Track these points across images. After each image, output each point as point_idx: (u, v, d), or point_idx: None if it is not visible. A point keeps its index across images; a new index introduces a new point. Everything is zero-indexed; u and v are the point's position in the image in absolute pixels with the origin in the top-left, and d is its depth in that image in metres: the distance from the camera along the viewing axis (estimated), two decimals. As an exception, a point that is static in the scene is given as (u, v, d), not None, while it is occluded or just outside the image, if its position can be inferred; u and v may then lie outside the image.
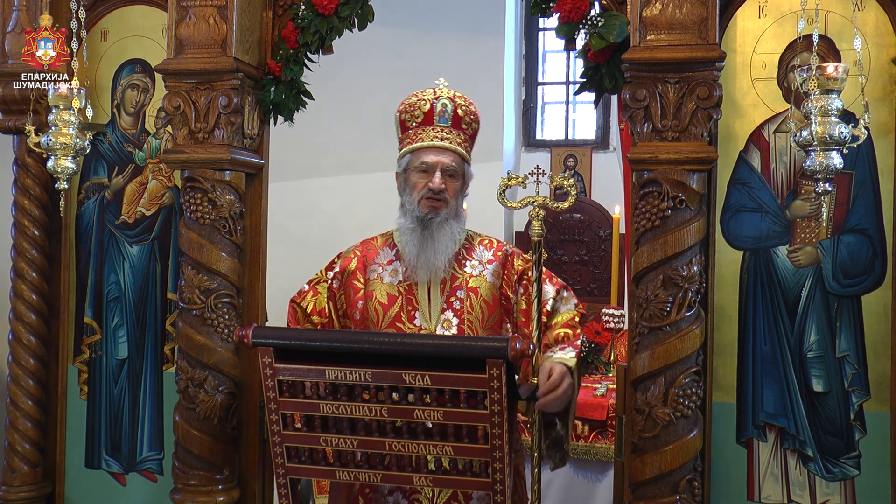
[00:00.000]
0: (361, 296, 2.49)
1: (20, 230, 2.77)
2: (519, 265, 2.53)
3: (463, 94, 2.53)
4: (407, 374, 2.00)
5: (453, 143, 2.46)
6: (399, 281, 2.48)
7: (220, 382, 2.53)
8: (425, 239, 2.42)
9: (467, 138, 2.52)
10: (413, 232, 2.44)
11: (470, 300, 2.45)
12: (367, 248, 2.58)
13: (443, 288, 2.46)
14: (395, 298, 2.46)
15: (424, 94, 2.50)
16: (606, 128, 8.09)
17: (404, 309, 2.44)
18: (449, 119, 2.47)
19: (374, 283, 2.49)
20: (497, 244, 2.58)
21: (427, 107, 2.48)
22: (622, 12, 2.34)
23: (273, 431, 2.12)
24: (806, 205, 2.35)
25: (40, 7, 2.68)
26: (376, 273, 2.51)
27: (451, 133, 2.46)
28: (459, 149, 2.47)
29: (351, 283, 2.52)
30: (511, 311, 2.50)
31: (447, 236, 2.44)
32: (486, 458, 2.03)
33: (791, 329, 2.36)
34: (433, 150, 2.45)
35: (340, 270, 2.55)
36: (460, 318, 2.43)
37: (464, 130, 2.50)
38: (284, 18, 2.64)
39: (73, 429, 2.86)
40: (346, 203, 6.66)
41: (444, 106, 2.47)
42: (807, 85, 2.07)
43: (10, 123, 2.76)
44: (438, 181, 2.41)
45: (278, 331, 2.19)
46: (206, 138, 2.52)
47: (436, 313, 2.44)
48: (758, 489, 2.39)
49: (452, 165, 2.44)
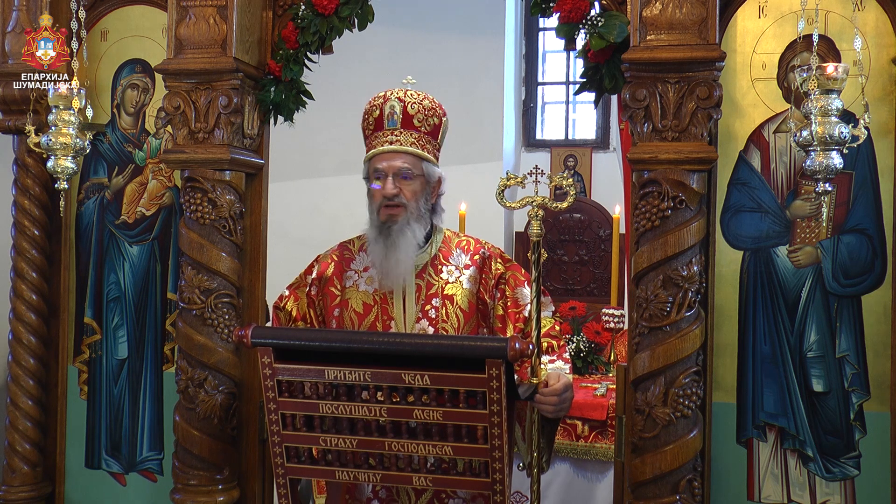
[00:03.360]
0: (338, 303, 2.45)
1: (20, 230, 2.77)
2: (497, 268, 2.46)
3: (418, 91, 2.45)
4: (406, 374, 2.00)
5: (404, 144, 2.38)
6: (375, 289, 2.43)
7: (220, 382, 2.53)
8: (388, 248, 2.36)
9: (423, 135, 2.42)
10: (377, 241, 2.38)
11: (445, 308, 2.40)
12: (344, 252, 2.52)
13: (418, 296, 2.41)
14: (370, 308, 2.42)
15: (376, 100, 2.43)
16: (606, 128, 8.08)
17: (379, 318, 2.40)
18: (398, 120, 2.40)
19: (351, 292, 2.45)
20: (475, 246, 2.50)
21: (377, 112, 2.42)
22: (622, 12, 2.34)
23: (273, 431, 2.12)
24: (806, 205, 2.35)
25: (40, 7, 2.69)
26: (352, 280, 2.46)
27: (401, 134, 2.39)
28: (412, 148, 2.39)
29: (328, 289, 2.47)
30: (488, 315, 2.45)
31: (409, 242, 2.37)
32: (485, 458, 2.03)
33: (791, 329, 2.36)
34: (383, 156, 2.38)
35: (318, 276, 2.50)
36: (435, 328, 2.39)
37: (416, 128, 2.41)
38: (284, 18, 2.64)
39: (73, 429, 2.86)
40: (346, 203, 6.62)
41: (391, 108, 2.40)
42: (807, 85, 2.07)
43: (10, 123, 2.76)
44: (390, 186, 2.35)
45: (278, 331, 2.19)
46: (206, 138, 2.52)
47: (410, 322, 2.39)
48: (758, 489, 2.39)
49: (405, 167, 2.37)
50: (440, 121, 2.47)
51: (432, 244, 2.46)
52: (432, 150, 2.45)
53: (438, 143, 2.49)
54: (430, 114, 2.44)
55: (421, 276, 2.42)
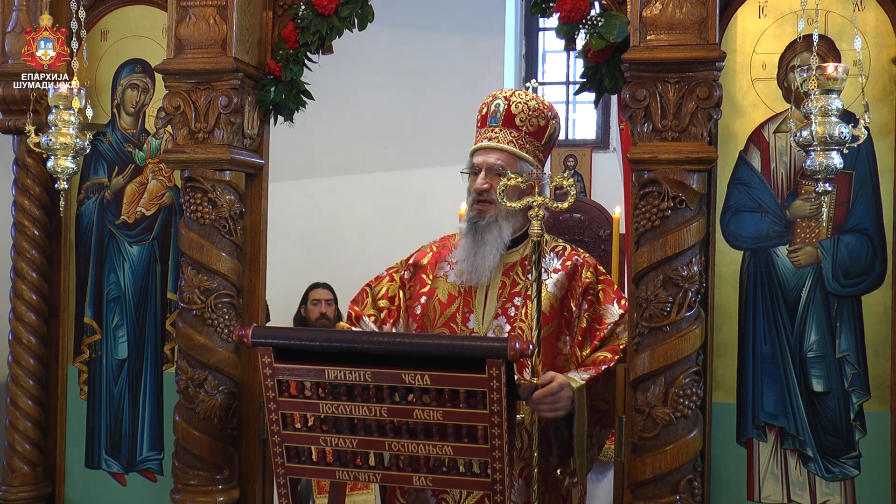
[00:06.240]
0: (426, 291, 2.50)
1: (20, 230, 2.77)
2: (587, 278, 2.48)
3: (529, 92, 2.49)
4: (406, 373, 2.00)
5: (502, 141, 2.43)
6: (462, 282, 2.47)
7: (220, 382, 2.53)
8: (475, 242, 2.41)
9: (524, 135, 2.45)
10: (466, 235, 2.43)
11: (526, 308, 2.41)
12: (444, 245, 2.59)
13: (501, 293, 2.44)
14: (454, 298, 2.46)
15: (487, 98, 2.50)
16: (606, 128, 8.09)
17: (461, 310, 2.44)
18: (500, 118, 2.45)
19: (440, 281, 2.50)
20: (569, 252, 2.54)
21: (484, 109, 2.49)
22: (622, 12, 2.34)
23: (273, 431, 2.12)
24: (806, 205, 2.35)
25: (40, 7, 2.68)
26: (443, 271, 2.52)
27: (500, 132, 2.44)
28: (508, 146, 2.43)
29: (420, 276, 2.53)
30: (572, 323, 2.46)
31: (495, 239, 2.41)
32: (485, 458, 2.03)
33: (791, 329, 2.36)
34: (481, 152, 2.45)
35: (414, 262, 2.57)
36: (512, 326, 2.41)
37: (517, 127, 2.45)
38: (284, 18, 2.64)
39: (73, 429, 2.86)
40: (346, 203, 6.66)
41: (496, 106, 2.46)
42: (807, 85, 2.07)
43: (10, 123, 2.76)
44: (480, 181, 2.40)
45: (278, 331, 2.19)
46: (206, 138, 2.52)
47: (489, 318, 2.42)
48: (758, 489, 2.39)
49: (498, 164, 2.41)
50: (546, 123, 2.49)
51: (526, 245, 2.48)
52: (533, 151, 2.47)
53: (543, 144, 2.51)
54: (535, 115, 2.47)
55: (508, 274, 2.45)
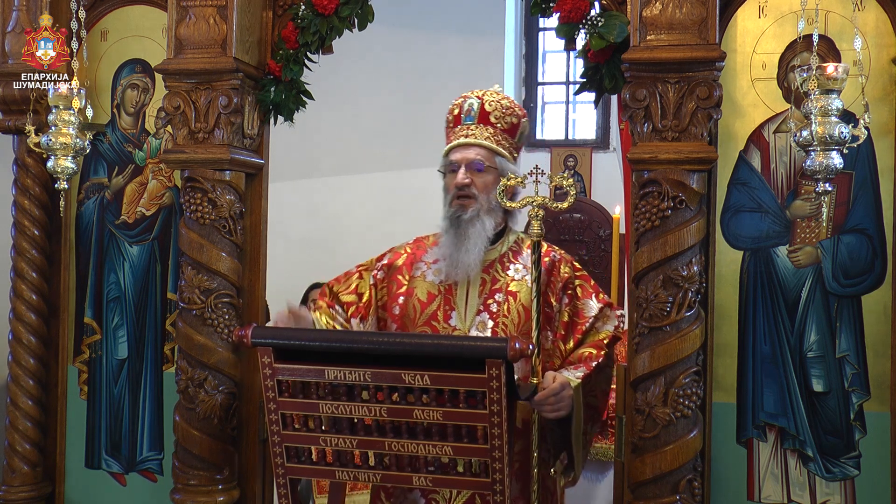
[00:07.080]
0: (403, 291, 2.49)
1: (20, 230, 2.77)
2: (565, 273, 2.48)
3: (499, 91, 2.51)
4: (406, 373, 2.00)
5: (479, 137, 2.44)
6: (441, 280, 2.47)
7: (220, 382, 2.53)
8: (458, 238, 2.40)
9: (499, 132, 2.47)
10: (447, 232, 2.43)
11: (508, 304, 2.42)
12: (418, 246, 2.59)
13: (481, 289, 2.44)
14: (434, 297, 2.45)
15: (458, 99, 2.52)
16: (606, 128, 8.09)
17: (441, 308, 2.44)
18: (475, 116, 2.46)
19: (417, 281, 2.49)
20: (546, 249, 2.52)
21: (457, 110, 2.50)
22: (622, 12, 2.34)
23: (273, 431, 2.12)
24: (806, 205, 2.35)
25: (40, 7, 2.69)
26: (420, 271, 2.51)
27: (476, 129, 2.45)
28: (486, 142, 2.44)
29: (395, 277, 2.52)
30: (552, 318, 2.47)
31: (479, 233, 2.41)
32: (485, 458, 2.03)
33: (791, 329, 2.36)
34: (458, 149, 2.45)
35: (388, 263, 2.55)
36: (495, 322, 2.41)
37: (493, 124, 2.46)
38: (284, 18, 2.64)
39: (73, 429, 2.86)
40: (346, 203, 6.66)
41: (470, 105, 2.47)
42: (807, 85, 2.07)
43: (10, 123, 2.76)
44: (461, 176, 2.40)
45: (278, 331, 2.18)
46: (206, 138, 2.52)
47: (471, 314, 2.42)
48: (758, 489, 2.39)
49: (478, 158, 2.42)
50: (518, 121, 2.52)
51: (504, 242, 2.50)
52: (508, 148, 2.49)
53: (516, 142, 2.54)
54: (508, 112, 2.49)
55: (488, 270, 2.45)
